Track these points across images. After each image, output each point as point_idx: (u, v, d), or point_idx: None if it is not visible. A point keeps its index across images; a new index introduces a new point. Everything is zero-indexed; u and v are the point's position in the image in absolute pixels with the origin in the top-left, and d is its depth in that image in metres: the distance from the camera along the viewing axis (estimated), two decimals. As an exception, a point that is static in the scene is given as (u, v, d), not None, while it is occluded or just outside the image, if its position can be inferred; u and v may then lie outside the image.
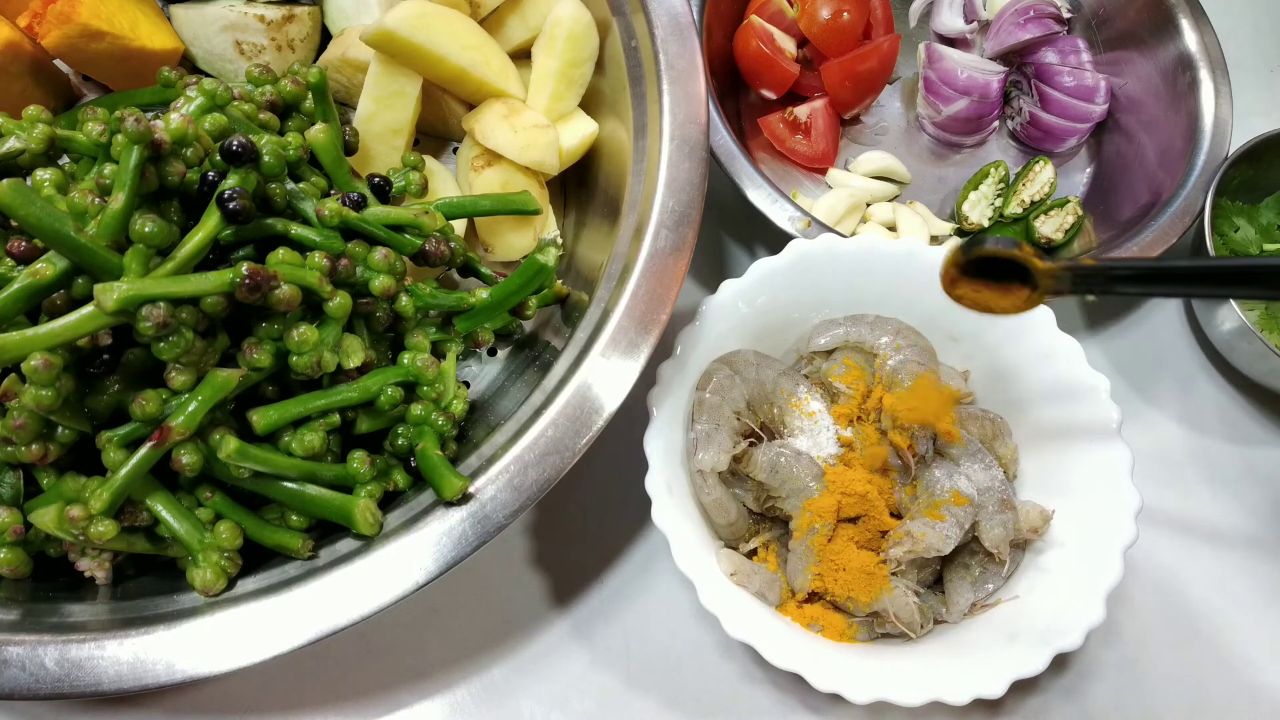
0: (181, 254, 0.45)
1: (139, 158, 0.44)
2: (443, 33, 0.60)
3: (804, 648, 0.52)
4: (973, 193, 0.77)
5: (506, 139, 0.61)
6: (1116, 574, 0.52)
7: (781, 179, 0.79)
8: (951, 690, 0.50)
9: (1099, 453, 0.56)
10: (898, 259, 0.60)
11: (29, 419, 0.43)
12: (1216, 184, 0.70)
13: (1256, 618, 0.66)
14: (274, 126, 0.57)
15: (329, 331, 0.48)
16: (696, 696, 0.60)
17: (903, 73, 0.85)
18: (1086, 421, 0.57)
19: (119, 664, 0.43)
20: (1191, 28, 0.77)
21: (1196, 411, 0.73)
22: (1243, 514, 0.70)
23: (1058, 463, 0.58)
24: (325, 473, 0.49)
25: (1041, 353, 0.59)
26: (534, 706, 0.59)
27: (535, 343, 0.62)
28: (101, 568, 0.49)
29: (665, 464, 0.54)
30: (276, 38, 0.65)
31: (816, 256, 0.60)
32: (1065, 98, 0.79)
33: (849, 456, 0.57)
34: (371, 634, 0.60)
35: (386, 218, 0.52)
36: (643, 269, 0.52)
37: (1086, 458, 0.57)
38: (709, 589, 0.51)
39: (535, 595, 0.62)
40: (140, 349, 0.46)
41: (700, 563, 0.52)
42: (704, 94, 0.57)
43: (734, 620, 0.50)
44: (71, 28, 0.58)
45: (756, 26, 0.77)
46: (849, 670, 0.51)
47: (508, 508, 0.48)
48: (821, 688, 0.49)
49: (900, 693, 0.50)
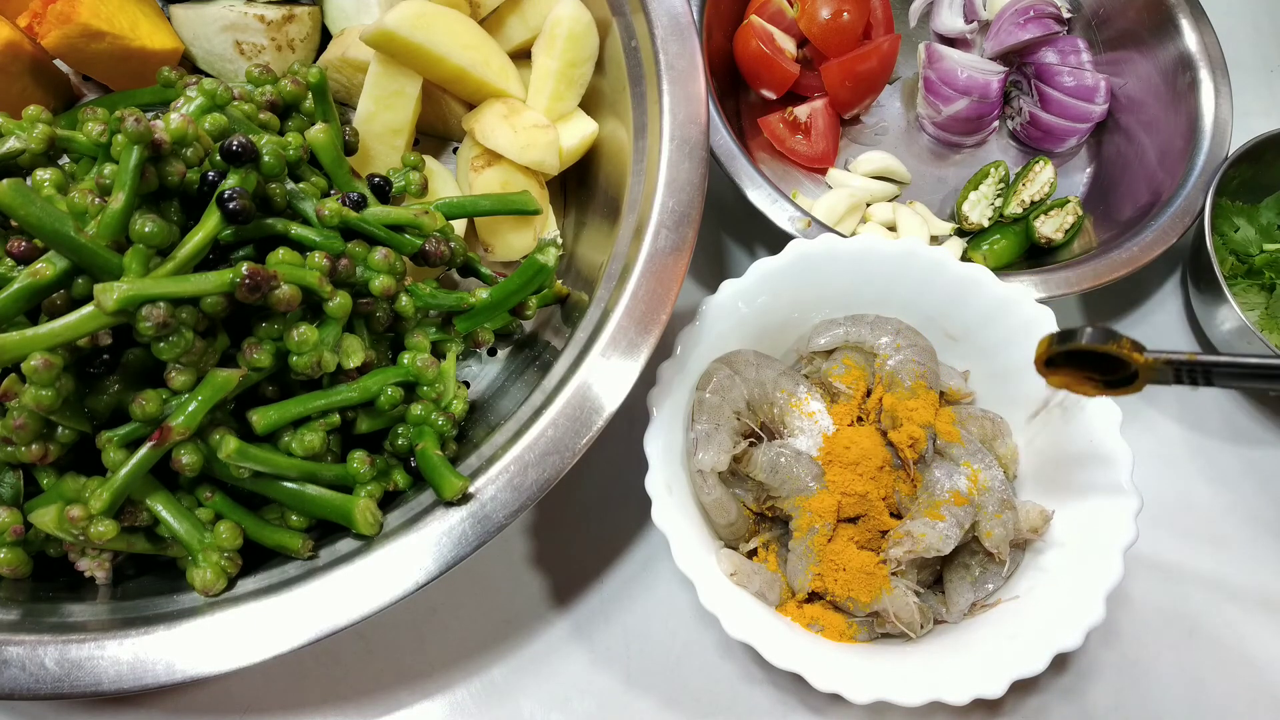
0: (181, 254, 0.45)
1: (139, 158, 0.44)
2: (443, 33, 0.60)
3: (804, 648, 0.52)
4: (973, 193, 0.77)
5: (506, 139, 0.61)
6: (1116, 574, 0.52)
7: (781, 179, 0.79)
8: (951, 690, 0.50)
9: (1099, 453, 0.56)
10: (898, 259, 0.60)
11: (29, 419, 0.43)
12: (1216, 184, 0.70)
13: (1256, 618, 0.66)
14: (274, 126, 0.57)
15: (329, 331, 0.48)
16: (696, 696, 0.60)
17: (903, 73, 0.85)
18: (1087, 421, 0.57)
19: (119, 664, 0.43)
20: (1191, 28, 0.78)
21: (1196, 411, 0.73)
22: (1243, 514, 0.70)
23: (1058, 463, 0.58)
24: (325, 473, 0.49)
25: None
26: (534, 706, 0.59)
27: (535, 343, 0.62)
28: (101, 568, 0.49)
29: (665, 464, 0.54)
30: (276, 38, 0.65)
31: (816, 256, 0.60)
32: (1065, 98, 0.79)
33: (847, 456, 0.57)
34: (371, 634, 0.60)
35: (386, 218, 0.52)
36: (643, 269, 0.52)
37: (1086, 458, 0.57)
38: (709, 589, 0.51)
39: (535, 595, 0.62)
40: (140, 349, 0.46)
41: (700, 563, 0.52)
42: (704, 94, 0.57)
43: (734, 620, 0.50)
44: (71, 28, 0.58)
45: (756, 26, 0.77)
46: (849, 670, 0.51)
47: (508, 508, 0.48)
48: (821, 688, 0.49)
49: (900, 693, 0.50)
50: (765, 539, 0.58)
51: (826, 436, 0.57)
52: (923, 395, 0.57)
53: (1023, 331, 0.59)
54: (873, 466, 0.56)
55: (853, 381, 0.59)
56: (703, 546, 0.54)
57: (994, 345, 0.61)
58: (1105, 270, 0.69)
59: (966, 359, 0.63)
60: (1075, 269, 0.69)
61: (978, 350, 0.62)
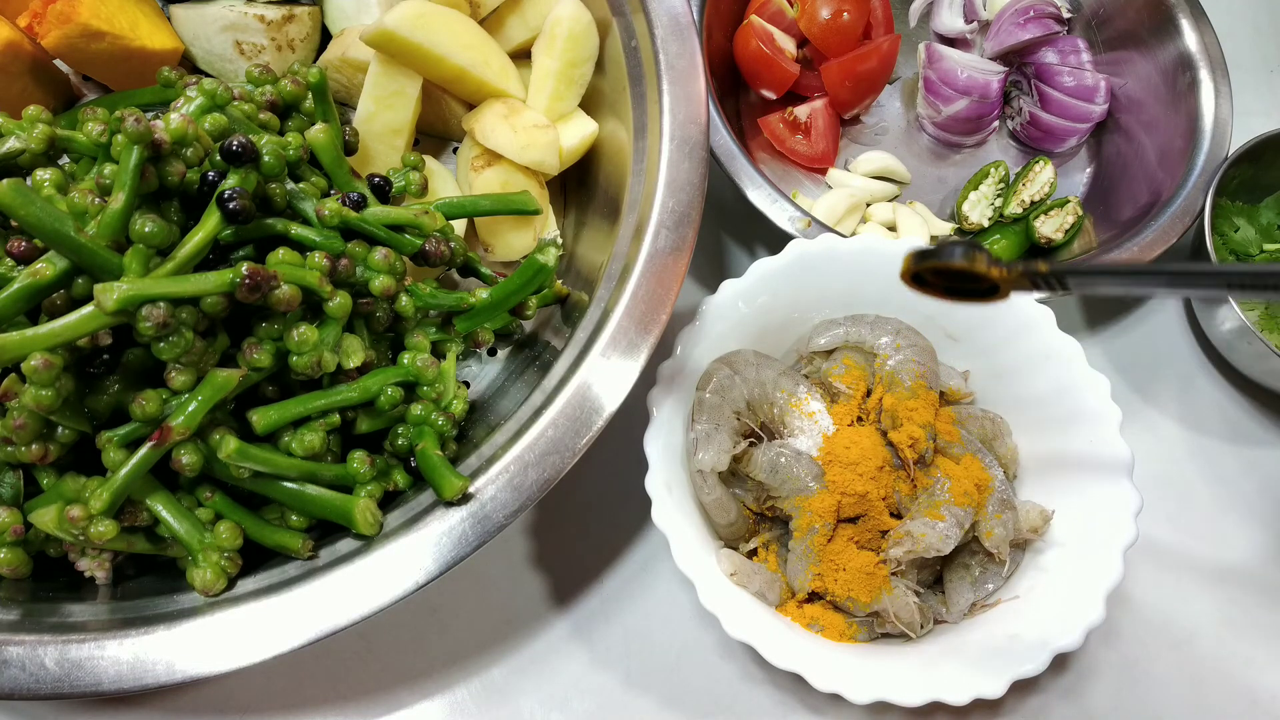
0: (181, 254, 0.45)
1: (139, 158, 0.44)
2: (443, 33, 0.60)
3: (804, 648, 0.52)
4: (973, 193, 0.77)
5: (506, 139, 0.61)
6: (1117, 574, 0.52)
7: (781, 179, 0.79)
8: (951, 690, 0.50)
9: (1099, 453, 0.56)
10: (897, 259, 0.60)
11: (29, 419, 0.43)
12: (1216, 184, 0.70)
13: (1256, 618, 0.66)
14: (274, 126, 0.57)
15: (329, 331, 0.48)
16: (696, 697, 0.60)
17: (903, 73, 0.85)
18: (1087, 422, 0.57)
19: (119, 664, 0.43)
20: (1191, 28, 0.77)
21: (1196, 411, 0.73)
22: (1243, 514, 0.70)
23: (1058, 463, 0.58)
24: (325, 473, 0.49)
25: (1041, 353, 0.59)
26: (534, 706, 0.59)
27: (535, 343, 0.62)
28: (101, 568, 0.49)
29: (665, 464, 0.54)
30: (276, 38, 0.65)
31: (816, 256, 0.60)
32: (1065, 98, 0.79)
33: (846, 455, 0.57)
34: (371, 634, 0.60)
35: (386, 218, 0.52)
36: (643, 269, 0.52)
37: (1086, 458, 0.57)
38: (709, 589, 0.51)
39: (535, 595, 0.62)
40: (140, 349, 0.46)
41: (700, 563, 0.52)
42: (704, 94, 0.57)
43: (734, 620, 0.50)
44: (71, 28, 0.58)
45: (756, 26, 0.77)
46: (849, 670, 0.51)
47: (508, 508, 0.48)
48: (821, 688, 0.49)
49: (900, 693, 0.50)
50: (765, 539, 0.58)
51: (826, 436, 0.57)
52: (923, 395, 0.57)
53: (1023, 331, 0.59)
54: (872, 466, 0.55)
55: (853, 381, 0.59)
56: (703, 546, 0.54)
57: (994, 345, 0.61)
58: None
59: (966, 359, 0.63)
60: (1075, 269, 0.69)
61: (978, 350, 0.62)
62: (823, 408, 0.58)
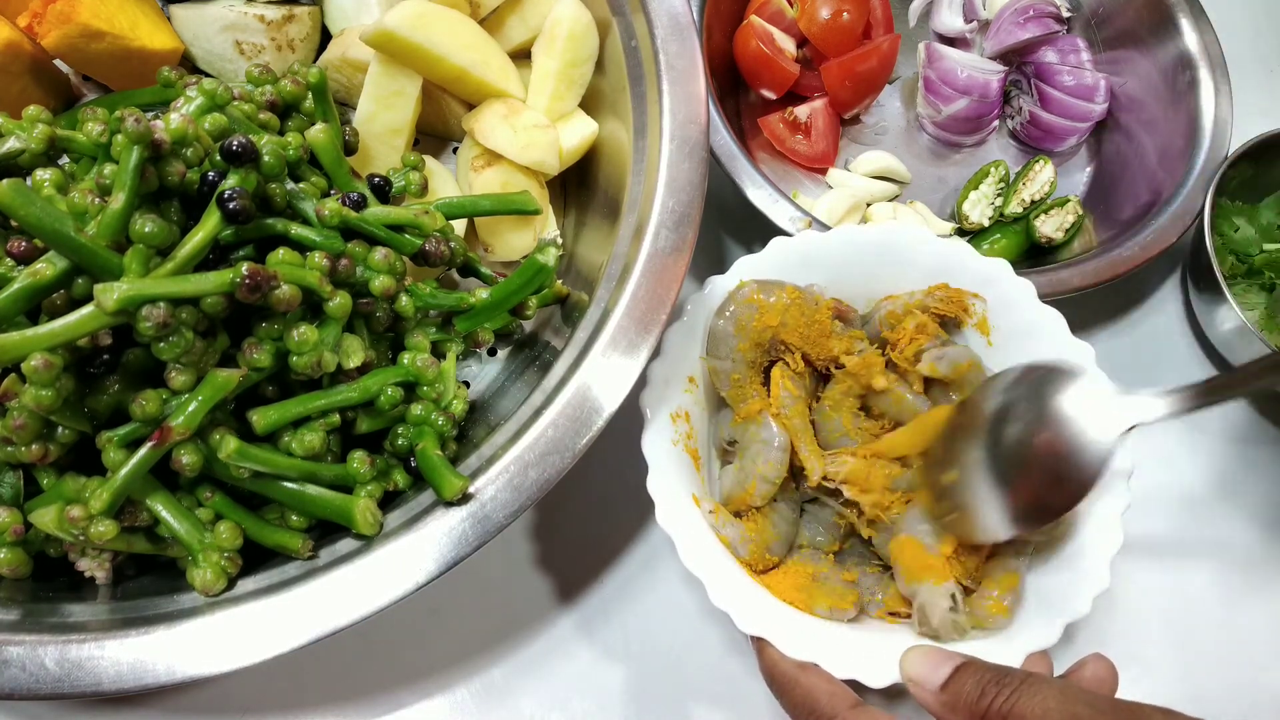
0: (181, 254, 0.45)
1: (139, 158, 0.44)
2: (443, 33, 0.59)
3: (820, 636, 0.52)
4: (973, 192, 0.77)
5: (506, 139, 0.61)
6: (1116, 542, 0.52)
7: (781, 179, 0.79)
8: None
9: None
10: (876, 247, 0.60)
11: (29, 419, 0.43)
12: (1216, 184, 0.70)
13: (1256, 617, 0.66)
14: (274, 126, 0.57)
15: (329, 331, 0.48)
16: (698, 696, 0.60)
17: (903, 72, 0.85)
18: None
19: (119, 664, 0.43)
20: (1191, 27, 0.78)
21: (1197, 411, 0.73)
22: (1243, 514, 0.70)
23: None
24: (325, 473, 0.49)
25: (1023, 330, 0.58)
26: (534, 706, 0.59)
27: (535, 343, 0.62)
28: (101, 568, 0.49)
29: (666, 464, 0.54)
30: (276, 38, 0.65)
31: (796, 252, 0.60)
32: (1065, 97, 0.79)
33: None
34: (371, 634, 0.60)
35: (386, 218, 0.52)
36: (643, 269, 0.52)
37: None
38: (719, 587, 0.51)
39: (536, 595, 0.62)
40: (140, 349, 0.46)
41: (708, 561, 0.52)
42: (704, 94, 0.57)
43: (746, 615, 0.50)
44: (71, 28, 0.58)
45: (756, 26, 0.77)
46: (867, 656, 0.50)
47: (508, 508, 0.48)
48: (840, 674, 0.49)
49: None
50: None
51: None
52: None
53: (1024, 332, 0.59)
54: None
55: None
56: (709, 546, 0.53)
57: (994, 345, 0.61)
58: (1105, 270, 0.69)
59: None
60: (1075, 268, 0.69)
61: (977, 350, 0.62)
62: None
